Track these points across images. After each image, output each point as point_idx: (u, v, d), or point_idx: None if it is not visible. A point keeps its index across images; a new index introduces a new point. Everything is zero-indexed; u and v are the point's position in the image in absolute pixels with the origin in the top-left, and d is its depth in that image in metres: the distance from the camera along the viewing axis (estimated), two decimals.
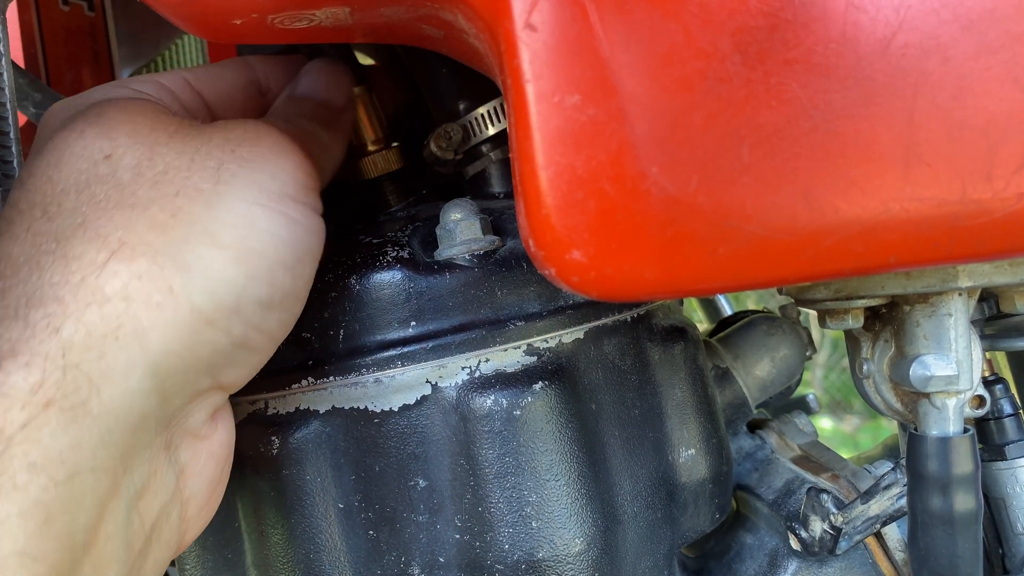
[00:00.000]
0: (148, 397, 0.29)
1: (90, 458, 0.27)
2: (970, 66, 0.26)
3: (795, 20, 0.26)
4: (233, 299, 0.30)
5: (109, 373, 0.27)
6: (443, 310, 0.38)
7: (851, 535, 0.42)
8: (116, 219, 0.29)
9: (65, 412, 0.26)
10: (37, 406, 0.26)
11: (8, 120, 0.35)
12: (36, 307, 0.27)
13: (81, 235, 0.29)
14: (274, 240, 0.32)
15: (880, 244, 0.27)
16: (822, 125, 0.26)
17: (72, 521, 0.26)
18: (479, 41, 0.30)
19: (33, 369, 0.26)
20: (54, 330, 0.27)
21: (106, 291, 0.28)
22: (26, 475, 0.25)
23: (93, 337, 0.27)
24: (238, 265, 0.31)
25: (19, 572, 0.24)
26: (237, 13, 0.31)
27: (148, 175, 0.31)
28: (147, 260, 0.29)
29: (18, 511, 0.24)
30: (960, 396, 0.38)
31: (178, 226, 0.30)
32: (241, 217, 0.31)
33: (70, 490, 0.26)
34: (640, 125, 0.26)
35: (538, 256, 0.28)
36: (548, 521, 0.37)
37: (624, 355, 0.41)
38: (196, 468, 0.33)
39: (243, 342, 0.32)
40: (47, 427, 0.26)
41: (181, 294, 0.29)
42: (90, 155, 0.31)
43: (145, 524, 0.30)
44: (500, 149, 0.46)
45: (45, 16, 0.63)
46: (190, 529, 0.34)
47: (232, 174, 0.32)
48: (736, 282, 0.28)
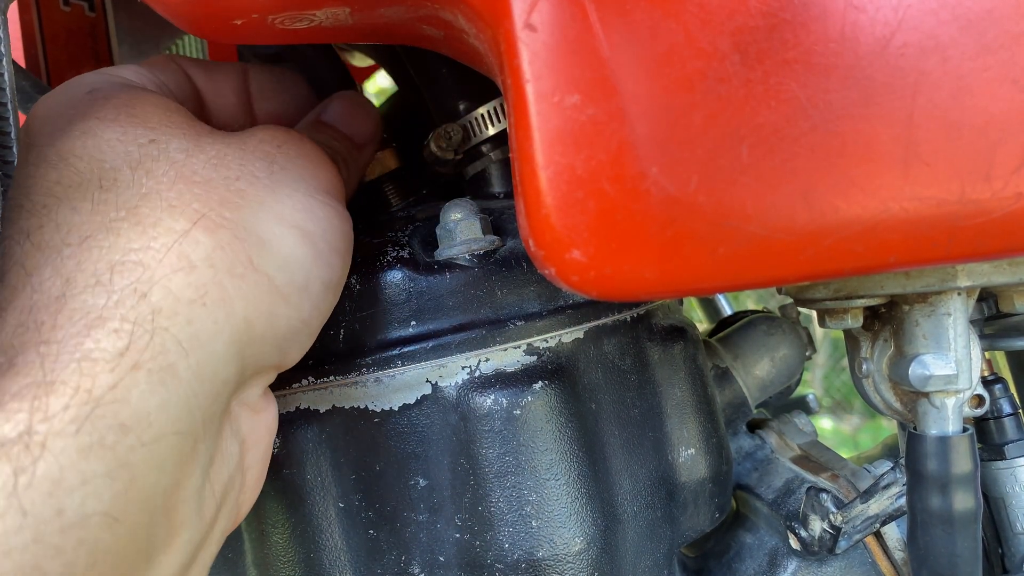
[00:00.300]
0: (230, 364, 0.29)
1: (176, 421, 0.27)
2: (969, 66, 0.26)
3: (794, 20, 0.26)
4: (303, 277, 0.32)
5: (197, 338, 0.28)
6: (443, 310, 0.38)
7: (851, 534, 0.42)
8: (186, 193, 0.30)
9: (154, 374, 0.26)
10: (125, 368, 0.26)
11: (8, 120, 0.35)
12: (119, 273, 0.27)
13: (152, 204, 0.29)
14: (330, 226, 0.33)
15: (879, 244, 0.27)
16: (821, 125, 0.26)
17: (154, 483, 0.26)
18: (479, 41, 0.30)
19: (122, 335, 0.26)
20: (141, 295, 0.27)
21: (192, 258, 0.28)
22: (114, 435, 0.25)
23: (181, 302, 0.28)
24: (306, 245, 0.32)
25: (101, 533, 0.24)
26: (237, 13, 0.31)
27: (202, 158, 0.31)
28: (227, 232, 0.30)
29: (105, 470, 0.25)
30: (959, 395, 0.38)
31: (247, 205, 0.31)
32: (300, 203, 0.32)
33: (156, 452, 0.26)
34: (640, 125, 0.26)
35: (538, 256, 0.28)
36: (548, 520, 0.37)
37: (624, 355, 0.41)
38: (254, 439, 0.34)
39: (308, 320, 0.33)
40: (136, 388, 0.26)
41: (260, 267, 0.30)
42: (133, 139, 0.31)
43: (216, 492, 0.31)
44: (500, 149, 0.46)
45: (46, 16, 0.63)
46: (246, 501, 0.34)
47: (282, 167, 0.33)
48: (736, 282, 0.28)
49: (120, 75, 0.36)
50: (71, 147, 0.31)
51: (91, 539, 0.24)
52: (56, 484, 0.23)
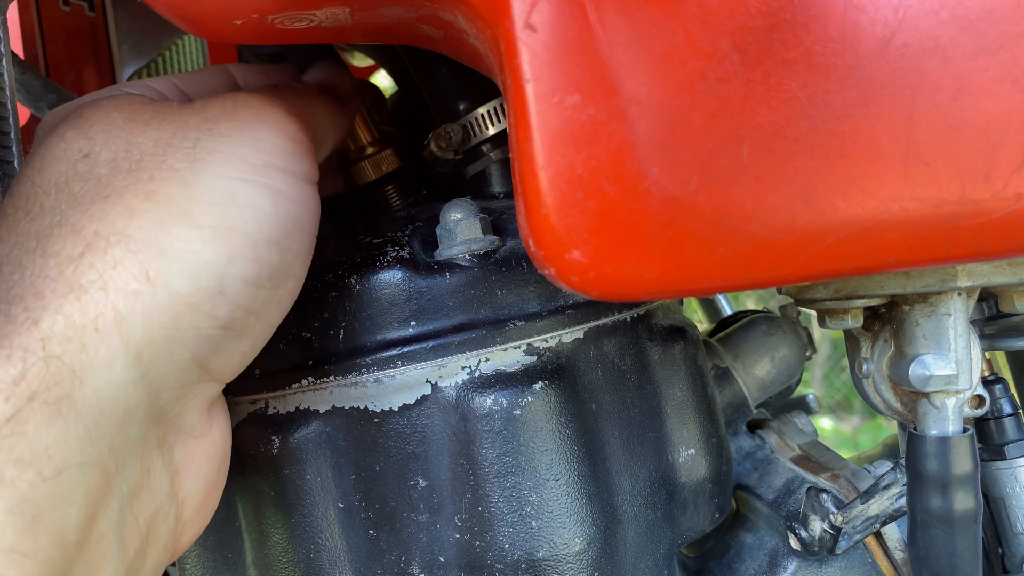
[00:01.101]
0: (134, 388, 0.28)
1: (78, 452, 0.26)
2: (969, 66, 0.26)
3: (794, 20, 0.26)
4: (215, 280, 0.30)
5: (91, 364, 0.27)
6: (443, 310, 0.38)
7: (851, 535, 0.42)
8: (90, 212, 0.29)
9: (49, 405, 0.26)
10: (21, 398, 0.25)
11: (8, 120, 0.35)
12: (16, 303, 0.27)
13: (58, 232, 0.29)
14: (257, 215, 0.31)
15: (879, 244, 0.27)
16: (821, 125, 0.26)
17: (63, 517, 0.26)
18: (479, 41, 0.30)
19: (14, 361, 0.26)
20: (33, 322, 0.27)
21: (82, 282, 0.28)
22: (13, 470, 0.24)
23: (73, 328, 0.27)
24: (218, 244, 0.30)
25: (9, 569, 0.24)
26: (237, 13, 0.31)
27: (124, 166, 0.30)
28: (121, 248, 0.28)
29: (6, 507, 0.24)
30: (959, 396, 0.38)
31: (152, 210, 0.29)
32: (219, 194, 0.30)
33: (59, 486, 0.26)
34: (640, 125, 0.26)
35: (538, 256, 0.28)
36: (548, 521, 0.37)
37: (624, 355, 0.41)
38: (192, 468, 0.33)
39: (229, 325, 0.31)
40: (32, 421, 0.25)
41: (158, 279, 0.28)
42: (70, 156, 0.31)
43: (140, 525, 0.30)
44: (500, 149, 0.46)
45: (46, 16, 0.63)
46: (186, 532, 0.33)
47: (209, 151, 0.31)
48: (736, 282, 0.28)
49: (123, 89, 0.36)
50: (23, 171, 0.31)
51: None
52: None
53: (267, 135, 0.33)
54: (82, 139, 0.31)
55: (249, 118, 0.33)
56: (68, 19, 0.64)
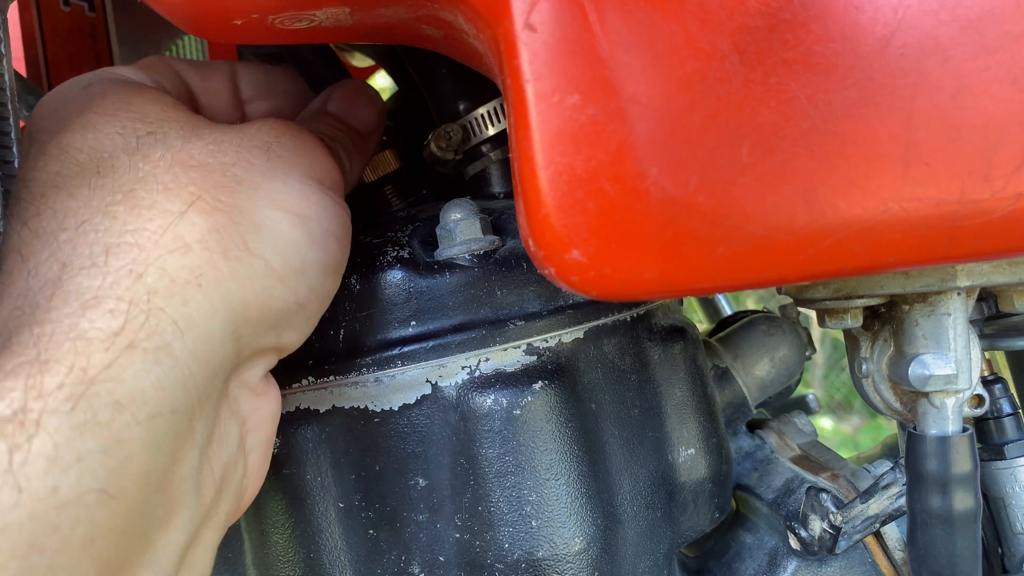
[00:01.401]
0: (226, 344, 0.30)
1: (171, 399, 0.27)
2: (969, 66, 0.26)
3: (794, 20, 0.26)
4: (300, 259, 0.32)
5: (192, 318, 0.28)
6: (443, 310, 0.38)
7: (850, 534, 0.42)
8: (182, 176, 0.30)
9: (149, 354, 0.26)
10: (120, 348, 0.26)
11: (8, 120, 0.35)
12: (115, 255, 0.28)
13: (148, 187, 0.30)
14: (326, 211, 0.34)
15: (879, 244, 0.27)
16: (821, 125, 0.26)
17: (151, 460, 0.26)
18: (479, 41, 0.30)
19: (117, 314, 0.26)
20: (137, 276, 0.27)
21: (187, 240, 0.29)
22: (109, 413, 0.25)
23: (177, 284, 0.28)
24: (301, 229, 0.32)
25: (98, 510, 0.24)
26: (237, 14, 0.31)
27: (199, 144, 0.32)
28: (223, 216, 0.30)
29: (100, 447, 0.25)
30: (959, 395, 0.38)
31: (242, 190, 0.31)
32: (296, 189, 0.33)
33: (151, 430, 0.26)
34: (640, 125, 0.26)
35: (538, 256, 0.28)
36: (548, 520, 0.37)
37: (624, 355, 0.41)
38: (255, 422, 0.34)
39: (304, 303, 0.33)
40: (131, 368, 0.26)
41: (256, 250, 0.30)
42: (132, 129, 0.32)
43: (215, 473, 0.31)
44: (500, 149, 0.46)
45: (46, 17, 0.63)
46: (250, 487, 0.34)
47: (279, 156, 0.34)
48: (736, 282, 0.28)
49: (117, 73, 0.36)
50: (71, 140, 0.31)
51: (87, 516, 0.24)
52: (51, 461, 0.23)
53: (322, 158, 0.36)
54: (139, 121, 0.32)
55: (308, 139, 0.36)
56: (68, 19, 0.64)
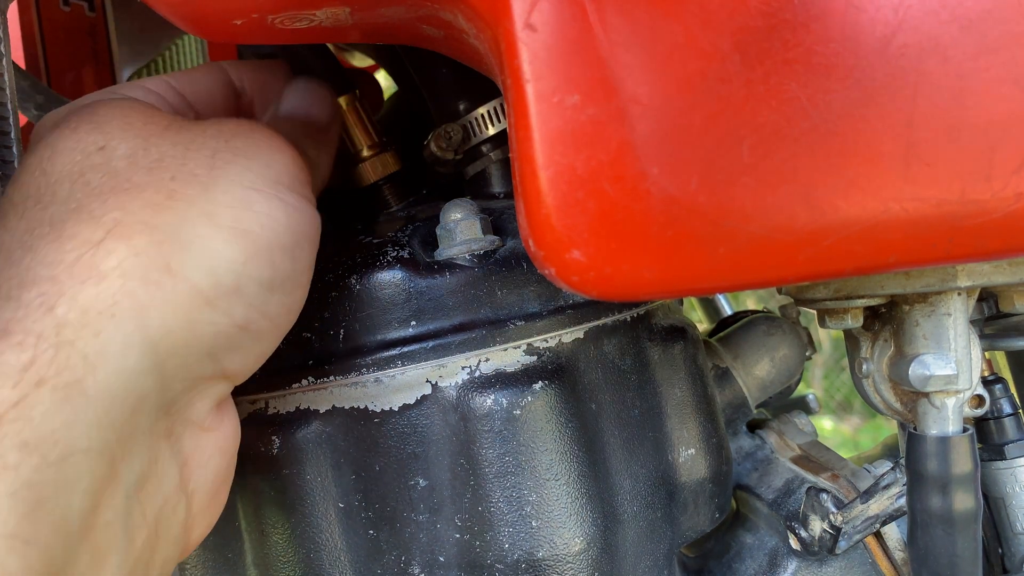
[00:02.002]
0: (146, 377, 0.28)
1: (85, 439, 0.26)
2: (970, 66, 0.26)
3: (795, 20, 0.26)
4: (233, 279, 0.30)
5: (105, 351, 0.27)
6: (443, 310, 0.38)
7: (851, 535, 0.42)
8: (111, 201, 0.29)
9: (59, 391, 0.25)
10: (29, 384, 0.25)
11: (8, 120, 0.35)
12: (29, 287, 0.27)
13: (76, 217, 0.29)
14: (271, 222, 0.32)
15: (879, 244, 0.27)
16: (822, 125, 0.26)
17: (66, 504, 0.25)
18: (479, 41, 0.30)
19: (26, 347, 0.25)
20: (48, 308, 0.26)
21: (102, 268, 0.27)
22: (17, 454, 0.24)
23: (89, 315, 0.27)
24: (237, 244, 0.30)
25: (9, 555, 0.24)
26: (237, 13, 0.31)
27: (143, 163, 0.31)
28: (144, 238, 0.28)
29: (8, 491, 0.24)
30: (959, 395, 0.38)
31: (174, 207, 0.30)
32: (237, 199, 0.31)
33: (64, 471, 0.25)
34: (640, 125, 0.26)
35: (538, 256, 0.28)
36: (548, 520, 0.37)
37: (624, 355, 0.41)
38: (201, 460, 0.32)
39: (245, 325, 0.31)
40: (40, 406, 0.25)
41: (180, 272, 0.29)
42: (84, 147, 0.31)
43: (148, 516, 0.30)
44: (500, 149, 0.46)
45: (46, 16, 0.63)
46: (197, 526, 0.33)
47: (226, 161, 0.32)
48: (736, 282, 0.28)
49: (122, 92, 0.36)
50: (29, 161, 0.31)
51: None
52: None
53: (278, 155, 0.34)
54: (96, 133, 0.31)
55: (262, 139, 0.34)
56: (68, 19, 0.64)
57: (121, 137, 0.31)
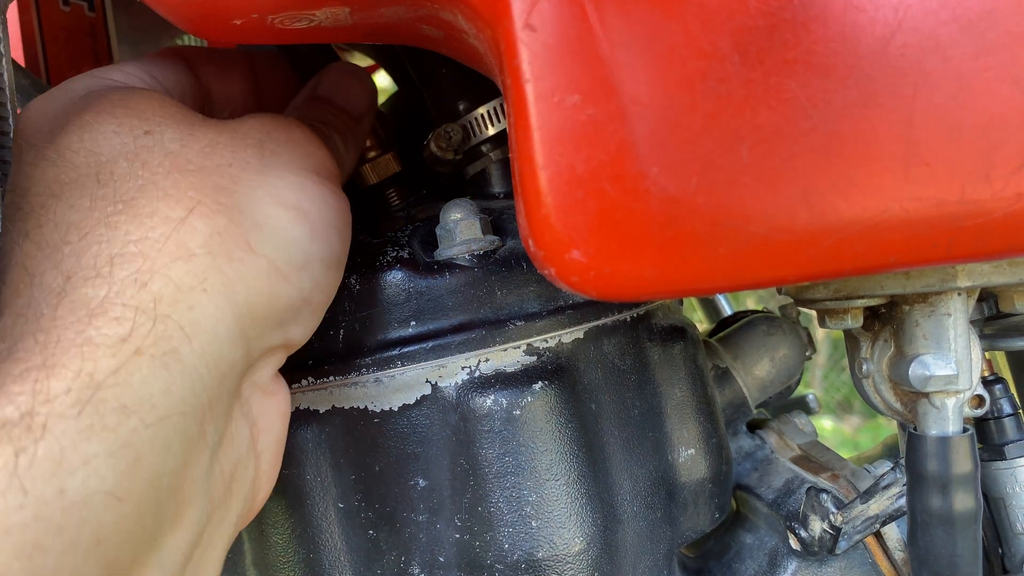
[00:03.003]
0: (235, 346, 0.30)
1: (180, 403, 0.27)
2: (969, 66, 0.26)
3: (794, 20, 0.26)
4: (302, 255, 0.32)
5: (199, 323, 0.28)
6: (443, 310, 0.38)
7: (851, 535, 0.42)
8: (181, 182, 0.30)
9: (156, 359, 0.27)
10: (127, 354, 0.26)
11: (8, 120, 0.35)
12: (119, 265, 0.28)
13: (148, 195, 0.30)
14: (325, 205, 0.34)
15: (879, 244, 0.27)
16: (821, 125, 0.26)
17: (160, 464, 0.26)
18: (479, 41, 0.30)
19: (123, 322, 0.27)
20: (142, 284, 0.27)
21: (190, 246, 0.29)
22: (116, 417, 0.25)
23: (182, 290, 0.28)
24: (302, 224, 0.32)
25: (104, 512, 0.24)
26: (237, 13, 0.31)
27: (195, 147, 0.32)
28: (223, 218, 0.30)
29: (107, 451, 0.25)
30: (959, 396, 0.38)
31: (241, 191, 0.31)
32: (294, 183, 0.33)
33: (160, 433, 0.26)
34: (640, 125, 0.26)
35: (538, 256, 0.28)
36: (548, 521, 0.37)
37: (624, 355, 0.41)
38: (266, 423, 0.34)
39: (309, 298, 0.33)
40: (138, 373, 0.26)
41: (259, 250, 0.30)
42: (129, 131, 0.31)
43: (225, 473, 0.31)
44: (500, 149, 0.46)
45: (45, 16, 0.63)
46: (263, 487, 0.35)
47: (272, 152, 0.34)
48: (736, 282, 0.28)
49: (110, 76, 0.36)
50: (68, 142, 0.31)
51: (94, 518, 0.24)
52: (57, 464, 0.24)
53: (315, 150, 0.36)
54: (136, 119, 0.32)
55: (300, 133, 0.36)
56: (68, 19, 0.64)
57: (164, 124, 0.32)
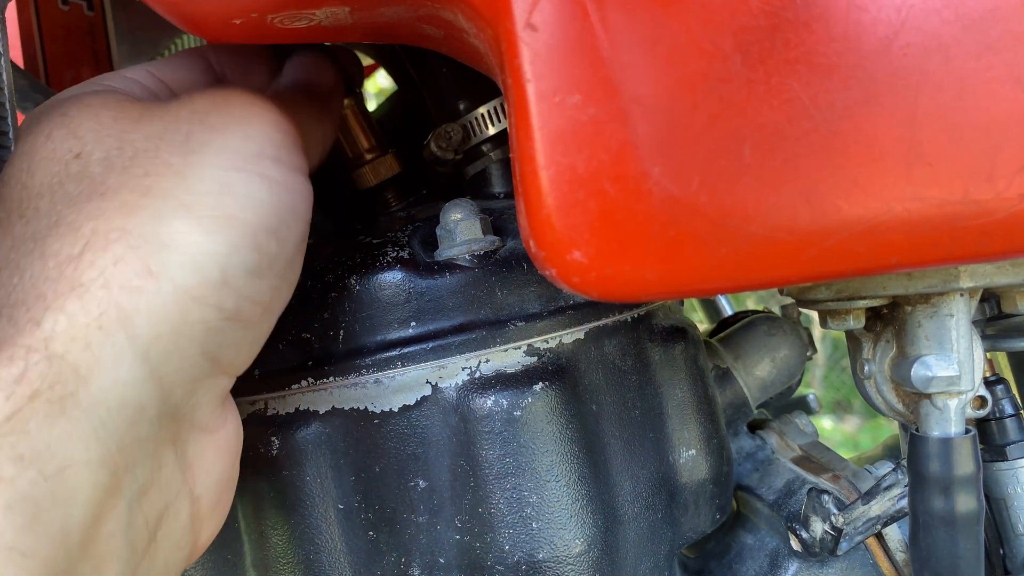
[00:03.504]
0: (143, 386, 0.28)
1: (83, 450, 0.26)
2: (972, 66, 0.26)
3: (797, 20, 0.26)
4: (219, 271, 0.29)
5: (96, 363, 0.26)
6: (443, 310, 0.38)
7: (852, 536, 0.42)
8: (86, 210, 0.29)
9: (53, 403, 0.25)
10: (22, 397, 0.25)
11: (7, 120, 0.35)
12: (18, 306, 0.27)
13: (56, 232, 0.28)
14: (254, 204, 0.31)
15: (882, 245, 0.27)
16: (824, 125, 0.26)
17: (65, 516, 0.25)
18: (479, 41, 0.30)
19: (16, 361, 0.25)
20: (35, 323, 0.26)
21: (83, 280, 0.27)
22: (13, 468, 0.24)
23: (76, 327, 0.27)
24: (218, 234, 0.29)
25: (8, 567, 0.23)
26: (237, 13, 0.31)
27: (118, 164, 0.30)
28: (121, 245, 0.28)
29: (5, 504, 0.24)
30: (961, 397, 0.38)
31: (150, 205, 0.29)
32: (215, 184, 0.30)
33: (62, 484, 0.25)
34: (641, 125, 0.26)
35: (539, 256, 0.28)
36: (548, 522, 0.37)
37: (625, 355, 0.41)
38: (205, 463, 0.32)
39: (236, 315, 0.30)
40: (34, 419, 0.25)
41: (161, 273, 0.28)
42: (60, 156, 0.30)
43: (150, 523, 0.29)
44: (500, 149, 0.46)
45: (44, 16, 0.63)
46: (204, 530, 0.33)
47: (202, 143, 0.31)
48: (737, 282, 0.28)
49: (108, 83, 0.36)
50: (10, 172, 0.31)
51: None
52: None
53: (258, 125, 0.33)
54: (71, 139, 0.31)
55: (239, 110, 0.33)
56: (67, 19, 0.64)
57: (95, 140, 0.31)
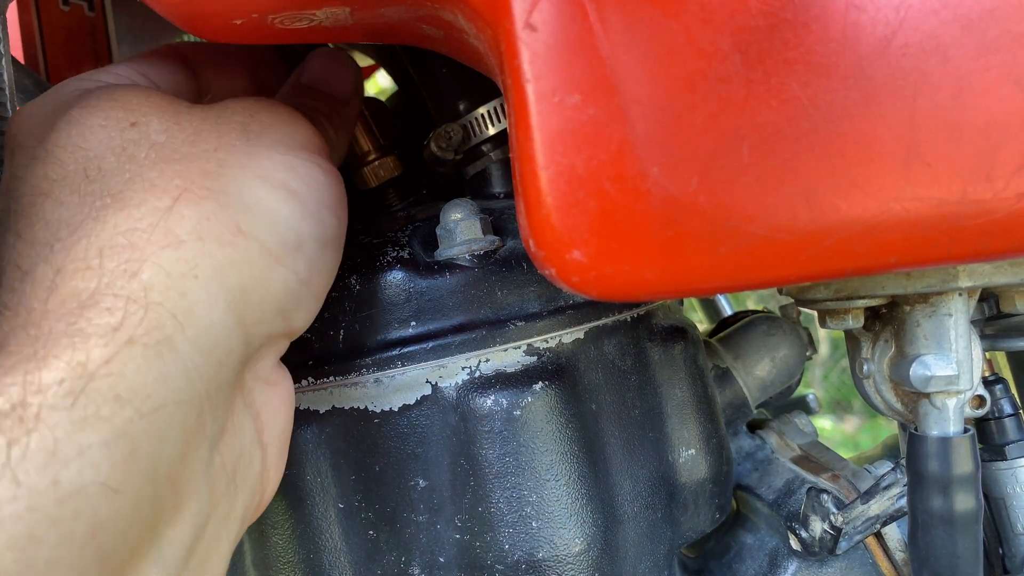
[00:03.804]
0: (231, 333, 0.29)
1: (176, 392, 0.27)
2: (970, 66, 0.26)
3: (795, 20, 0.26)
4: (295, 236, 0.32)
5: (192, 310, 0.28)
6: (443, 310, 0.38)
7: (851, 535, 0.42)
8: (167, 171, 0.30)
9: (149, 348, 0.26)
10: (119, 343, 0.26)
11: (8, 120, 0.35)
12: (108, 256, 0.28)
13: (135, 186, 0.29)
14: (315, 183, 0.33)
15: (880, 244, 0.27)
16: (822, 125, 0.26)
17: (157, 454, 0.26)
18: (479, 41, 0.30)
19: (115, 311, 0.26)
20: (132, 274, 0.27)
21: (178, 233, 0.29)
22: (110, 407, 0.25)
23: (172, 277, 0.28)
24: (292, 203, 0.32)
25: (100, 503, 0.24)
26: (237, 13, 0.31)
27: (180, 136, 0.32)
28: (211, 202, 0.30)
29: (101, 441, 0.24)
30: (960, 396, 0.38)
31: (227, 173, 0.31)
32: (281, 163, 0.32)
33: (155, 423, 0.26)
34: (640, 125, 0.26)
35: (538, 256, 0.28)
36: (548, 521, 0.37)
37: (624, 355, 0.41)
38: (270, 413, 0.34)
39: (307, 280, 0.32)
40: (132, 362, 0.26)
41: (249, 232, 0.30)
42: (115, 124, 0.31)
43: (227, 466, 0.31)
44: (500, 149, 0.46)
45: (45, 16, 0.63)
46: (271, 480, 0.34)
47: (257, 133, 0.33)
48: (736, 282, 0.28)
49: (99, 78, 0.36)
50: (56, 140, 0.31)
51: (89, 510, 0.24)
52: (51, 455, 0.23)
53: (301, 127, 0.35)
54: (121, 110, 0.32)
55: (284, 112, 0.35)
56: (67, 19, 0.64)
57: (150, 114, 0.32)
